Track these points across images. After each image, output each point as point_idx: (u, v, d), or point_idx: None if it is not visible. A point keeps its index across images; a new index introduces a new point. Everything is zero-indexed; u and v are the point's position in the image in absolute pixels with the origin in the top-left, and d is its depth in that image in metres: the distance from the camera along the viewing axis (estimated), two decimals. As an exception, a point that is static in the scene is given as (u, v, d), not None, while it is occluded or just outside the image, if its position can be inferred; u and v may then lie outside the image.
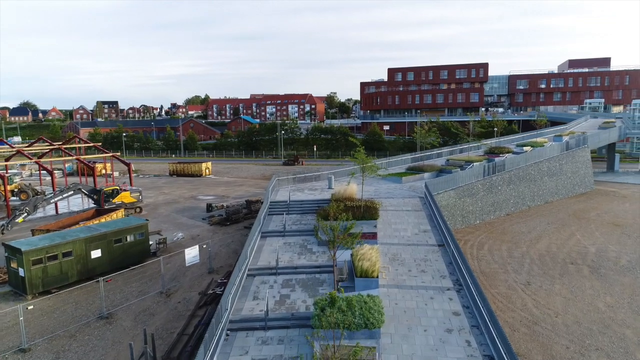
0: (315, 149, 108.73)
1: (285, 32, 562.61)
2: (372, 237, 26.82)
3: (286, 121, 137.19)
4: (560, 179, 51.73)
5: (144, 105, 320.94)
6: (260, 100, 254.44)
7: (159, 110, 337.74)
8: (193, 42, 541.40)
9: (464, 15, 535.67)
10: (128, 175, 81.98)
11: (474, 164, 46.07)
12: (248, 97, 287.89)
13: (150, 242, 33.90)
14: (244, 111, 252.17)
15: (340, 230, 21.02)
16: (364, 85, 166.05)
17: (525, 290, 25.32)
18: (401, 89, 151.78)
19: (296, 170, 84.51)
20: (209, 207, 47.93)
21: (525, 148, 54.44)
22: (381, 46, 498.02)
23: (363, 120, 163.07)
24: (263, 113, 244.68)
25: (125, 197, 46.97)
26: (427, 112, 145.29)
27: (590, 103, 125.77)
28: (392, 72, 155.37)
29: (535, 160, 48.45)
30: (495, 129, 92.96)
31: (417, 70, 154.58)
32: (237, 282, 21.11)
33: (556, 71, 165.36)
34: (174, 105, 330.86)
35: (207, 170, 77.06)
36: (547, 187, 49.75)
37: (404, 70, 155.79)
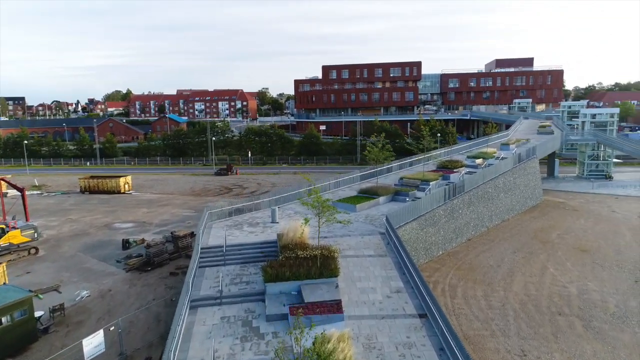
0: (249, 154, 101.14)
1: (213, 23, 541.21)
2: (335, 308, 21.01)
3: (217, 122, 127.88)
4: (515, 194, 49.20)
5: (56, 101, 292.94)
6: (188, 97, 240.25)
7: (74, 106, 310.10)
8: (114, 31, 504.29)
9: (393, 10, 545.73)
10: (33, 190, 69.99)
11: (431, 183, 41.86)
12: (174, 92, 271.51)
13: (40, 313, 25.76)
14: (171, 108, 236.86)
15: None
16: (298, 82, 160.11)
17: (523, 365, 20.81)
18: (336, 87, 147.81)
19: (230, 182, 77.06)
20: (126, 244, 39.74)
21: (477, 161, 51.41)
22: (313, 39, 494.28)
23: (298, 119, 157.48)
24: (191, 110, 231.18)
25: (15, 236, 37.53)
26: (363, 111, 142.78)
27: (519, 103, 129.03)
28: (326, 69, 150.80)
29: (492, 176, 45.29)
30: (439, 134, 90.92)
31: (352, 68, 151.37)
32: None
33: (484, 70, 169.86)
34: (91, 101, 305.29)
35: (126, 186, 67.35)
36: (504, 204, 46.90)
37: (339, 68, 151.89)
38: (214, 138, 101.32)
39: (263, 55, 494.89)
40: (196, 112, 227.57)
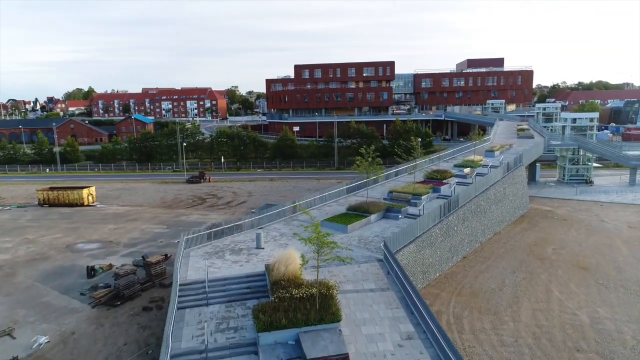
0: (222, 160, 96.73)
1: (177, 18, 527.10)
2: (344, 365, 18.15)
3: (186, 123, 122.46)
4: (505, 205, 47.62)
5: (12, 99, 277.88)
6: (155, 96, 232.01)
7: (32, 104, 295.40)
8: (74, 25, 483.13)
9: (361, 7, 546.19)
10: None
11: (422, 197, 39.49)
12: (140, 91, 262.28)
13: (-11, 372, 21.83)
14: (136, 108, 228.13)
15: None
16: (269, 82, 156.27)
17: (554, 422, 18.52)
18: (309, 86, 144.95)
19: (204, 191, 72.72)
20: (91, 271, 35.66)
21: (465, 170, 49.50)
22: (281, 36, 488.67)
23: (270, 120, 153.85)
24: (158, 109, 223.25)
25: (-40, 268, 32.93)
26: (337, 111, 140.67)
27: (492, 104, 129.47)
28: (298, 69, 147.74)
29: (484, 188, 43.44)
30: (419, 139, 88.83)
31: (325, 68, 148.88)
32: None
33: (455, 70, 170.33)
34: (50, 100, 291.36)
35: (90, 197, 62.32)
36: (495, 217, 45.17)
37: (311, 67, 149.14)
38: (185, 144, 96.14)
39: (230, 51, 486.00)
40: (163, 112, 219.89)
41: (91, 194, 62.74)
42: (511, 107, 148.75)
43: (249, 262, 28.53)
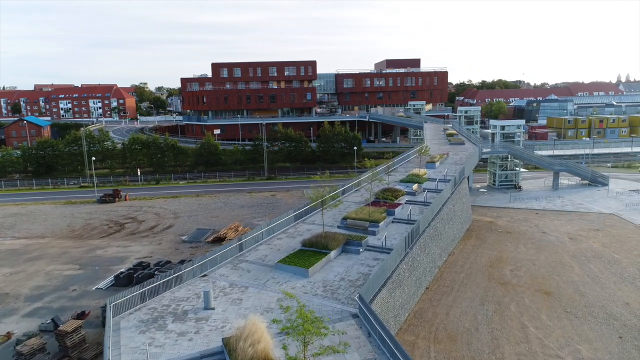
0: (139, 172, 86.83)
1: (75, 3, 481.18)
2: None
3: (91, 127, 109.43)
4: (455, 222, 46.29)
5: None
6: (50, 94, 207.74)
7: None
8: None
9: (271, 3, 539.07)
10: None
11: (379, 224, 36.40)
12: (32, 88, 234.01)
13: None
14: (28, 108, 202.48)
15: None
16: (185, 81, 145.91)
17: None
18: (229, 86, 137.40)
19: (120, 213, 63.46)
20: (-18, 347, 27.78)
21: (413, 186, 47.41)
22: (193, 27, 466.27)
23: (188, 122, 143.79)
24: (55, 109, 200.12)
25: None
26: (260, 112, 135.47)
27: (414, 105, 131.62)
28: (216, 67, 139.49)
29: (438, 208, 41.44)
30: (355, 148, 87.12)
31: (244, 66, 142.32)
32: None
33: (374, 69, 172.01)
34: None
35: (-25, 230, 51.43)
36: (448, 237, 43.53)
37: (230, 66, 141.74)
38: (93, 158, 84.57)
39: (136, 43, 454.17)
40: (62, 112, 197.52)
41: (-23, 225, 51.78)
42: (428, 107, 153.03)
43: (200, 333, 23.15)
